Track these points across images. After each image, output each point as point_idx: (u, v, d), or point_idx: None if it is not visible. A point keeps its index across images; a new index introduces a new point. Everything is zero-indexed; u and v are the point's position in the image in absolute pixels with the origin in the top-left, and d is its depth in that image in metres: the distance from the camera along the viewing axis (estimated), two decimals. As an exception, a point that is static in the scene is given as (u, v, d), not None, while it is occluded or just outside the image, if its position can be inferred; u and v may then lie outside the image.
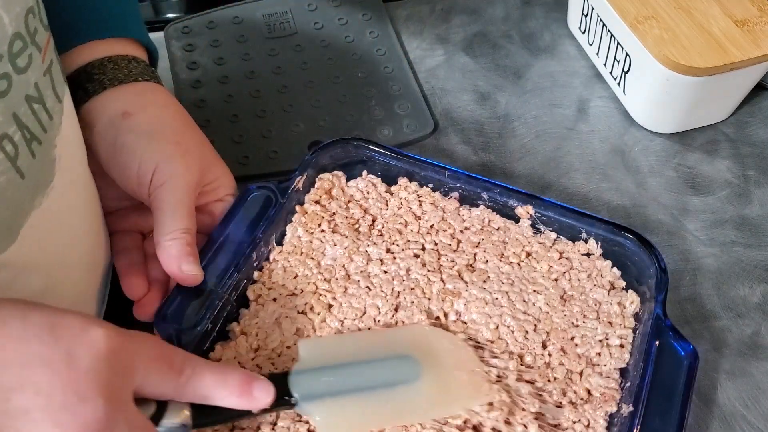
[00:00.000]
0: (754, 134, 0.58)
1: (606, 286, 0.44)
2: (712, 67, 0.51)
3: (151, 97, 0.42)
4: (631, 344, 0.41)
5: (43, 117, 0.31)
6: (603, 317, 0.42)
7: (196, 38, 0.63)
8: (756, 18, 0.54)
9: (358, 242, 0.45)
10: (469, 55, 0.64)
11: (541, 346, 0.41)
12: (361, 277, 0.44)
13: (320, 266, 0.44)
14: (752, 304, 0.48)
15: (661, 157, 0.56)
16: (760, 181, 0.55)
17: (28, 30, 0.29)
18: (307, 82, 0.60)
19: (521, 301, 0.43)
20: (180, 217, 0.39)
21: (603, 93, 0.61)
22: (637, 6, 0.56)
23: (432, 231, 0.46)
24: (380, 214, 0.47)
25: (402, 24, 0.66)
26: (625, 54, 0.56)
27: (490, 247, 0.45)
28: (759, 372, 0.45)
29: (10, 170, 0.29)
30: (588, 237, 0.45)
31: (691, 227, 0.52)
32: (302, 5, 0.66)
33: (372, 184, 0.49)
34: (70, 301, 0.38)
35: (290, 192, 0.46)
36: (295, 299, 0.43)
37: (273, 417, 0.38)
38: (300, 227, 0.46)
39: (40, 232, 0.32)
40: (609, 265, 0.45)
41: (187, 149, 0.41)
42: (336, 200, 0.47)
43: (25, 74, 0.29)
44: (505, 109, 0.60)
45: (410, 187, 0.48)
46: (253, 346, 0.41)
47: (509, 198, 0.47)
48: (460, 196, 0.48)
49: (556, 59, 0.64)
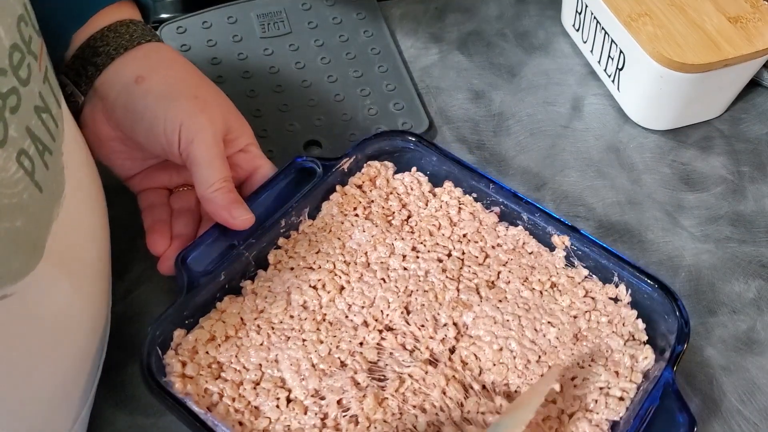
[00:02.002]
0: (748, 130, 0.58)
1: (625, 335, 0.42)
2: (705, 64, 0.51)
3: (159, 57, 0.43)
4: (632, 399, 0.39)
5: (51, 126, 0.31)
6: (611, 365, 0.40)
7: (191, 38, 0.62)
8: (749, 14, 0.55)
9: (387, 234, 0.45)
10: (464, 54, 0.64)
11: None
12: (379, 268, 0.44)
13: (344, 248, 0.45)
14: (747, 300, 0.48)
15: (656, 154, 0.57)
16: (755, 176, 0.55)
17: (23, 39, 0.28)
18: (302, 82, 0.60)
19: (532, 329, 0.42)
20: (217, 168, 0.41)
21: (597, 90, 0.61)
22: (630, 3, 0.56)
23: (463, 240, 0.46)
24: (417, 212, 0.47)
25: (396, 23, 0.66)
26: (619, 51, 0.56)
27: (516, 269, 0.44)
28: (754, 367, 0.45)
29: (30, 185, 0.28)
30: (620, 282, 0.43)
31: (686, 223, 0.52)
32: (296, 5, 0.66)
33: (418, 181, 0.49)
34: (87, 314, 0.38)
35: (334, 171, 0.47)
36: (310, 273, 0.43)
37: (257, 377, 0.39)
38: (336, 207, 0.46)
39: (60, 243, 0.32)
40: (634, 316, 0.42)
41: (206, 102, 0.42)
42: (378, 189, 0.48)
43: (29, 85, 0.28)
44: (499, 107, 0.60)
45: (454, 192, 0.48)
46: (259, 308, 0.42)
47: (548, 224, 0.45)
48: (501, 212, 0.47)
49: (551, 57, 0.64)
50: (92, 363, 0.38)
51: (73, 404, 0.37)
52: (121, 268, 0.48)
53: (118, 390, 0.43)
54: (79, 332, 0.36)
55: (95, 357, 0.39)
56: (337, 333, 0.41)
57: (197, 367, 0.39)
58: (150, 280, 0.48)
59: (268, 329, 0.41)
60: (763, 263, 0.50)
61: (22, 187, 0.27)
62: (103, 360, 0.40)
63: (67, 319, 0.34)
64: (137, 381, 0.43)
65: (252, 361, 0.40)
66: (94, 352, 0.38)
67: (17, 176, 0.27)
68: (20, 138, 0.27)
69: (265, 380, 0.39)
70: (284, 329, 0.41)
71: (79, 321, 0.36)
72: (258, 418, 0.38)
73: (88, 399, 0.39)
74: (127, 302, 0.47)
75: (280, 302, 0.42)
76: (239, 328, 0.41)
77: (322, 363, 0.40)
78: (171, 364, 0.39)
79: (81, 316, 0.36)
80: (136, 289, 0.47)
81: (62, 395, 0.35)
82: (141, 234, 0.50)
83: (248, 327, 0.41)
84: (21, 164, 0.27)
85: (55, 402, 0.35)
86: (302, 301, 0.42)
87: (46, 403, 0.34)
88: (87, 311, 0.37)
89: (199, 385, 0.38)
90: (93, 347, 0.38)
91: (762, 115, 0.59)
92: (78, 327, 0.36)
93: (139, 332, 0.46)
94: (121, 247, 0.48)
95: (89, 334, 0.38)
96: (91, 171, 0.40)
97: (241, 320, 0.41)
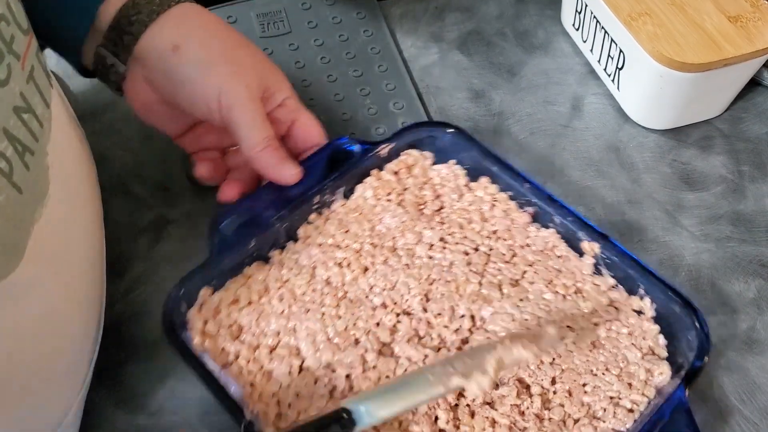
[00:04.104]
0: (748, 130, 0.58)
1: (644, 349, 0.41)
2: (705, 63, 0.51)
3: (193, 22, 0.44)
4: (641, 412, 0.39)
5: (34, 126, 0.30)
6: (625, 377, 0.40)
7: (190, 38, 0.62)
8: (749, 14, 0.55)
9: (417, 222, 0.46)
10: (464, 53, 0.64)
11: (551, 381, 0.40)
12: (405, 254, 0.44)
13: (373, 230, 0.45)
14: (747, 300, 0.48)
15: (656, 154, 0.56)
16: (755, 176, 0.55)
17: (3, 39, 0.28)
18: (302, 81, 0.60)
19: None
20: (260, 128, 0.42)
21: (597, 90, 0.61)
22: (630, 2, 0.56)
23: (492, 236, 0.46)
24: (450, 204, 0.47)
25: (396, 22, 0.66)
26: (618, 51, 0.56)
27: (542, 270, 0.44)
28: (755, 367, 0.45)
29: (8, 187, 0.28)
30: (645, 295, 0.42)
31: (686, 223, 0.52)
32: (296, 4, 0.66)
33: (454, 174, 0.49)
34: (77, 312, 0.38)
35: (372, 155, 0.47)
36: (337, 251, 0.44)
37: None
38: (370, 190, 0.47)
39: (43, 246, 0.32)
40: (656, 331, 0.42)
41: (241, 65, 0.43)
42: (414, 177, 0.48)
43: (8, 86, 0.28)
44: (499, 107, 0.60)
45: (489, 188, 0.48)
46: (284, 278, 0.43)
47: (580, 230, 0.44)
48: (535, 213, 0.47)
49: (550, 56, 0.64)
50: (82, 361, 0.38)
51: (63, 399, 0.37)
52: (121, 268, 0.48)
53: (118, 389, 0.43)
54: (67, 329, 0.36)
55: (86, 355, 0.39)
56: (355, 311, 0.42)
57: (218, 326, 0.41)
58: (150, 280, 0.48)
59: (290, 299, 0.42)
60: (763, 263, 0.50)
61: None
62: (95, 358, 0.40)
63: (53, 317, 0.34)
64: (137, 381, 0.44)
65: (271, 327, 0.41)
66: (84, 350, 0.38)
67: None
68: None
69: (281, 347, 0.40)
70: (305, 301, 0.42)
71: (67, 318, 0.36)
72: (269, 382, 0.39)
73: (79, 394, 0.39)
74: (127, 302, 0.47)
75: (304, 275, 0.43)
76: (263, 295, 0.42)
77: (337, 337, 0.41)
78: (193, 320, 0.41)
79: (69, 313, 0.36)
80: (136, 289, 0.47)
81: (50, 391, 0.35)
82: (141, 234, 0.50)
83: (271, 294, 0.42)
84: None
85: (43, 397, 0.35)
86: (326, 277, 0.43)
87: (34, 397, 0.34)
88: (76, 309, 0.37)
89: (217, 344, 0.40)
90: (83, 345, 0.38)
91: (762, 115, 0.59)
92: (65, 323, 0.36)
93: (139, 332, 0.46)
94: (121, 247, 0.49)
95: (78, 331, 0.38)
96: (84, 170, 0.40)
97: (265, 287, 0.43)
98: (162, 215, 0.51)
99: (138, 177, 0.53)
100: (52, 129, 0.33)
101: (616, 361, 0.40)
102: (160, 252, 0.49)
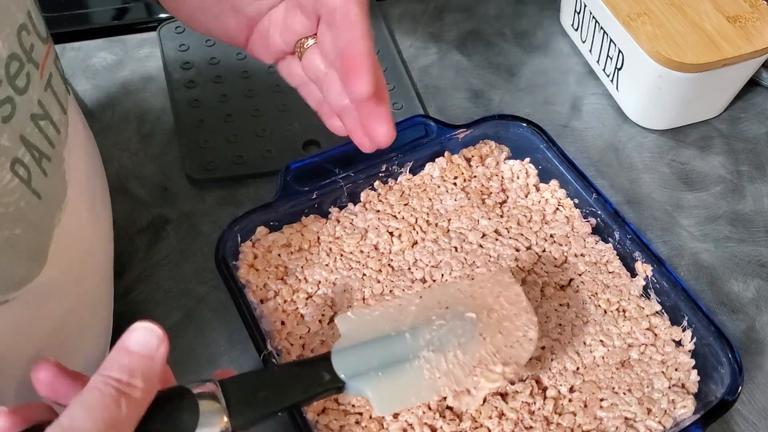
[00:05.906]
0: (747, 130, 0.58)
1: (673, 380, 0.40)
2: (704, 64, 0.52)
3: None
4: None
5: (51, 132, 0.30)
6: (646, 401, 0.39)
7: (190, 38, 0.62)
8: (748, 14, 0.55)
9: (476, 209, 0.47)
10: (463, 53, 0.64)
11: (569, 388, 0.39)
12: (456, 236, 0.45)
13: (431, 208, 0.47)
14: (746, 299, 0.48)
15: (655, 154, 0.57)
16: (753, 176, 0.55)
17: (23, 48, 0.28)
18: (301, 81, 0.60)
19: (581, 341, 0.41)
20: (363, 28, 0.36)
21: (596, 90, 0.61)
22: (629, 3, 0.56)
23: (548, 240, 0.46)
24: (514, 200, 0.48)
25: (395, 22, 0.66)
26: (617, 51, 0.56)
27: (590, 281, 0.44)
28: (753, 367, 0.45)
29: (27, 193, 0.28)
30: (687, 327, 0.41)
31: (685, 223, 0.52)
32: (295, 4, 0.66)
33: (526, 172, 0.49)
34: (92, 316, 0.38)
35: (448, 138, 0.49)
36: (392, 221, 0.46)
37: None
38: (438, 170, 0.48)
39: (64, 249, 0.32)
40: (690, 365, 0.41)
41: None
42: (485, 167, 0.49)
43: (26, 94, 0.28)
44: (498, 107, 0.60)
45: (557, 192, 0.48)
46: (337, 234, 0.46)
47: (636, 249, 0.44)
48: (597, 224, 0.47)
49: (550, 57, 0.64)
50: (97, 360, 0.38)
51: None
52: (120, 268, 0.48)
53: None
54: (83, 329, 0.37)
55: (100, 354, 0.39)
56: (395, 279, 0.43)
57: (266, 263, 0.44)
58: (150, 280, 0.48)
59: (337, 254, 0.45)
60: (762, 263, 0.50)
61: (18, 195, 0.28)
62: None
63: (72, 317, 0.35)
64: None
65: (314, 276, 0.44)
66: (99, 349, 0.39)
67: (12, 185, 0.27)
68: (13, 147, 0.27)
69: (317, 296, 0.43)
70: (351, 260, 0.44)
71: (84, 318, 0.36)
72: (299, 324, 0.42)
73: None
74: (126, 302, 0.46)
75: (356, 236, 0.45)
76: (313, 245, 0.45)
77: (372, 299, 0.43)
78: (245, 252, 0.44)
79: (85, 314, 0.37)
80: (135, 289, 0.47)
81: None
82: (141, 234, 0.50)
83: (321, 247, 0.45)
84: (15, 173, 0.27)
85: None
86: (376, 242, 0.45)
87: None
88: (91, 310, 0.37)
89: (260, 279, 0.43)
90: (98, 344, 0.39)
91: (761, 115, 0.59)
92: (82, 324, 0.36)
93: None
94: (121, 247, 0.48)
95: (93, 336, 0.38)
96: (98, 175, 0.40)
97: (317, 239, 0.46)
98: (161, 215, 0.51)
99: (137, 177, 0.53)
100: (68, 134, 0.33)
101: (642, 385, 0.40)
102: (159, 252, 0.49)
